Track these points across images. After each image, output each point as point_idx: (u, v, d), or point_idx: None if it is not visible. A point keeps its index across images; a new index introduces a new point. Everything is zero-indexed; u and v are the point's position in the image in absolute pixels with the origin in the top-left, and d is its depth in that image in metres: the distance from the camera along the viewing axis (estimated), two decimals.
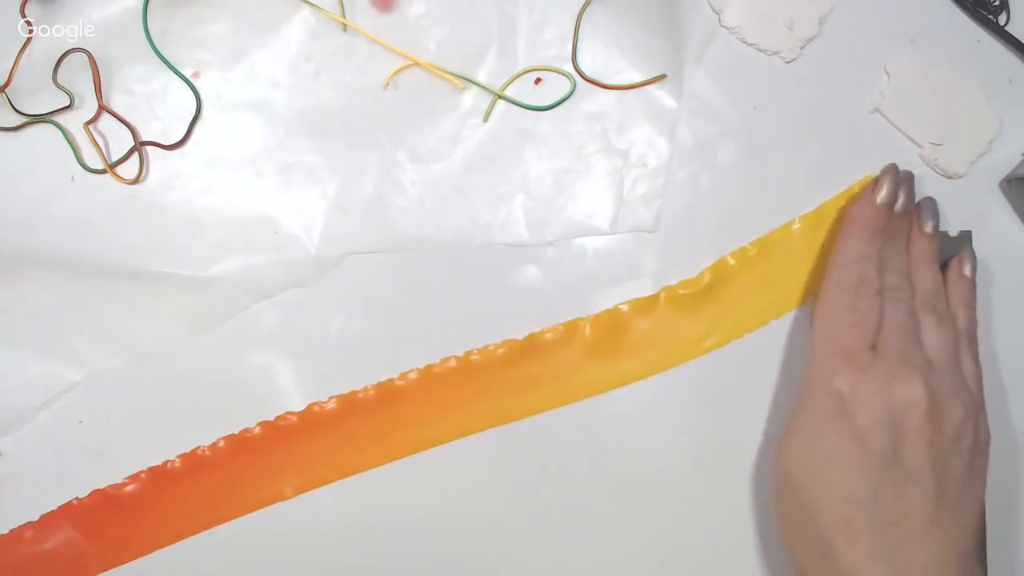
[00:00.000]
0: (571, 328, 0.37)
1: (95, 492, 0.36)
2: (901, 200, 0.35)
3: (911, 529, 0.29)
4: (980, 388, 0.33)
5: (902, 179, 0.36)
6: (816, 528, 0.31)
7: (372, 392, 0.36)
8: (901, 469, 0.30)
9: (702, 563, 0.36)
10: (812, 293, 0.37)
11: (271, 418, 0.36)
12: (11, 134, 0.38)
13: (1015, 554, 0.37)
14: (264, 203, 0.38)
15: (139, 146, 0.38)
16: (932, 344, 0.32)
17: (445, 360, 0.37)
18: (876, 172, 0.38)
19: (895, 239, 0.35)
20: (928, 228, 0.35)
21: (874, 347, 0.32)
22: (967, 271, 0.35)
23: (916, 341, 0.32)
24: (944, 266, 0.36)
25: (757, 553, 0.36)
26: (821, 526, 0.30)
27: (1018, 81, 0.39)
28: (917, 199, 0.36)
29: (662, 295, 0.37)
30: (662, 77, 0.38)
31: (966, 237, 0.36)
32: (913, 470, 0.30)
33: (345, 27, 0.38)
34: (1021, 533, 0.37)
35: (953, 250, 0.36)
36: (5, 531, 0.35)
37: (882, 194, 0.35)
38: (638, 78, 0.38)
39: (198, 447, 0.36)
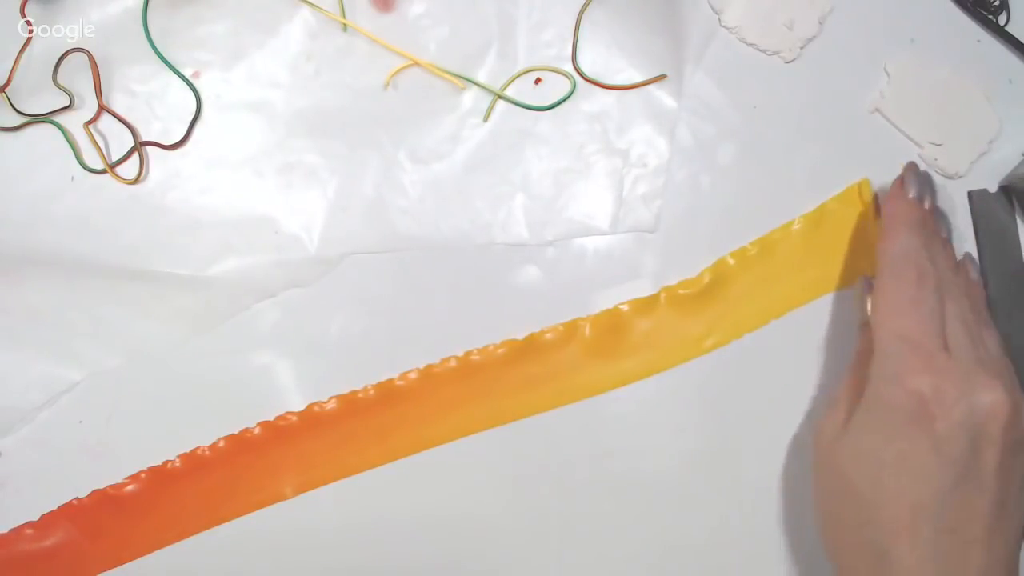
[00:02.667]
0: (571, 328, 0.37)
1: (95, 492, 0.36)
2: (929, 197, 0.35)
3: (970, 536, 0.29)
4: None
5: (924, 177, 0.35)
6: (873, 531, 0.29)
7: (372, 392, 0.36)
8: (972, 477, 0.29)
9: (702, 563, 0.36)
10: (813, 293, 0.37)
11: (271, 418, 0.36)
12: (11, 134, 0.38)
13: None
14: (264, 203, 0.38)
15: (139, 146, 0.38)
16: (989, 344, 0.32)
17: (445, 360, 0.37)
18: (875, 173, 0.38)
19: (934, 236, 0.34)
20: (943, 234, 0.35)
21: (946, 346, 0.30)
22: (973, 275, 0.35)
23: (981, 340, 0.31)
24: None
25: (757, 553, 0.36)
26: (878, 528, 0.29)
27: (1018, 81, 0.39)
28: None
29: (662, 295, 0.37)
30: (662, 77, 0.38)
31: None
32: (984, 478, 0.29)
33: (345, 27, 0.38)
34: None
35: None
36: (5, 531, 0.35)
37: (912, 190, 0.34)
38: (638, 78, 0.38)
39: (198, 447, 0.36)
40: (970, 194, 0.38)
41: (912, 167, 0.35)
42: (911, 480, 0.29)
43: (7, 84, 0.38)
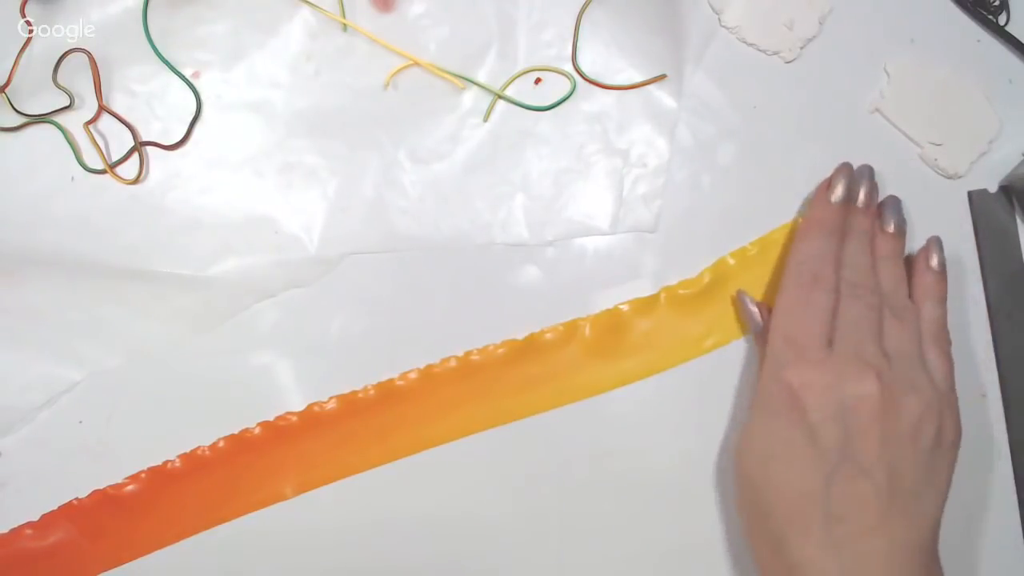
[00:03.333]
0: (571, 328, 0.37)
1: (95, 492, 0.36)
2: (862, 195, 0.35)
3: (862, 524, 0.29)
4: (949, 383, 0.33)
5: (861, 175, 0.36)
6: (770, 521, 0.31)
7: (372, 392, 0.36)
8: (853, 464, 0.30)
9: (702, 563, 0.36)
10: None
11: (271, 418, 0.36)
12: (11, 134, 0.38)
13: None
14: (264, 203, 0.38)
15: (139, 146, 0.38)
16: (891, 340, 0.32)
17: (445, 360, 0.37)
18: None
19: (859, 235, 0.35)
20: (890, 228, 0.35)
21: (830, 343, 0.32)
22: (934, 263, 0.35)
23: (874, 337, 0.32)
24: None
25: None
26: (775, 519, 0.31)
27: (1018, 81, 0.39)
28: (894, 195, 0.36)
29: (662, 295, 0.37)
30: (662, 77, 0.38)
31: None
32: (865, 465, 0.30)
33: (345, 27, 0.38)
34: (994, 529, 0.36)
35: None
36: (5, 531, 0.35)
37: (836, 193, 0.35)
38: (638, 78, 0.38)
39: (198, 447, 0.36)
40: (970, 194, 0.38)
41: (844, 167, 0.36)
42: (795, 469, 0.31)
43: (7, 84, 0.38)
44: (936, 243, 0.35)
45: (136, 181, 0.38)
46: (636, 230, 0.38)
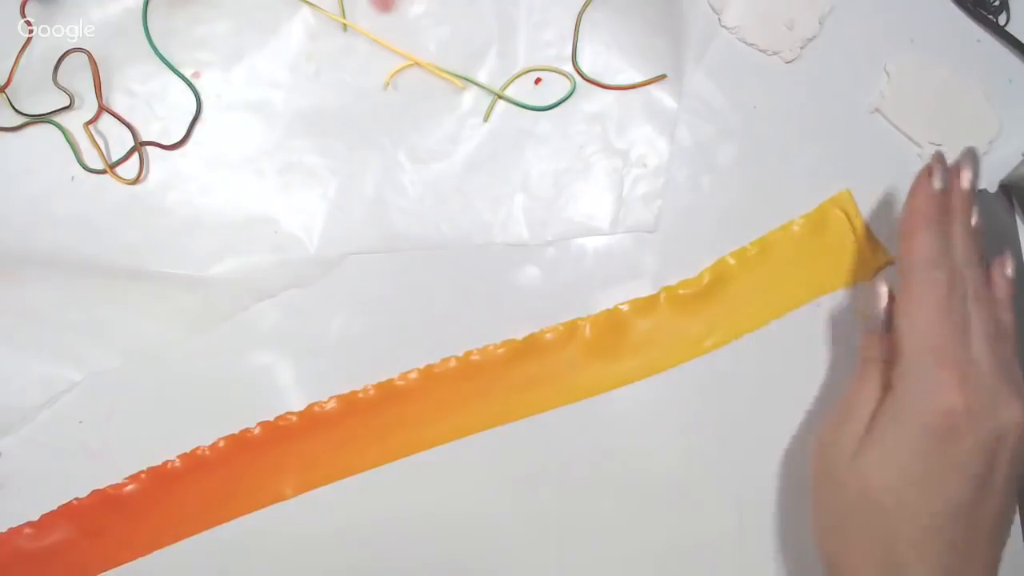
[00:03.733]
0: (571, 328, 0.37)
1: (95, 492, 0.36)
2: (968, 175, 0.33)
3: (974, 549, 0.29)
4: None
5: (964, 154, 0.34)
6: (890, 546, 0.29)
7: (372, 392, 0.36)
8: (987, 492, 0.29)
9: (702, 563, 0.36)
10: (813, 293, 0.37)
11: (271, 418, 0.36)
12: (11, 134, 0.38)
13: None
14: (264, 203, 0.38)
15: (139, 146, 0.38)
16: (1008, 354, 0.31)
17: (445, 360, 0.37)
18: (876, 173, 0.38)
19: (967, 225, 0.33)
20: (975, 224, 0.33)
21: (972, 359, 0.30)
22: (1009, 271, 0.33)
23: (1001, 351, 0.31)
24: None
25: (757, 553, 0.36)
26: (897, 545, 0.29)
27: (1018, 81, 0.39)
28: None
29: (662, 295, 0.37)
30: (662, 77, 0.38)
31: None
32: (995, 492, 0.29)
33: (345, 27, 0.38)
34: None
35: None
36: (5, 531, 0.35)
37: (939, 181, 0.32)
38: (638, 78, 0.38)
39: (198, 447, 0.36)
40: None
41: (939, 157, 0.33)
42: (933, 496, 0.29)
43: (7, 84, 0.38)
44: (1009, 255, 0.34)
45: (136, 181, 0.38)
46: (636, 230, 0.38)
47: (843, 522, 0.31)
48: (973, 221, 0.33)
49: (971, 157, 0.33)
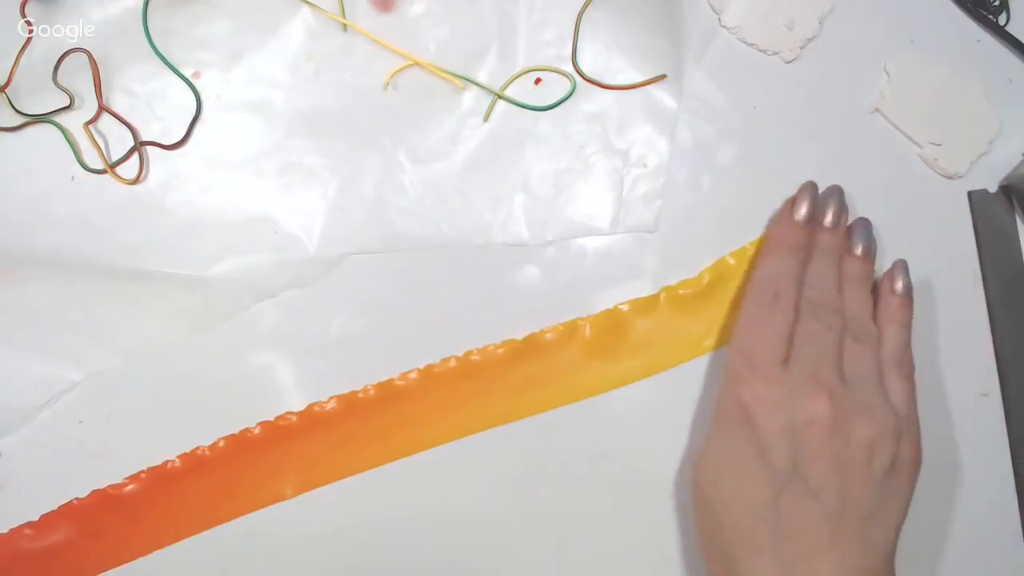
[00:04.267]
0: (571, 328, 0.37)
1: (95, 492, 0.36)
2: (830, 215, 0.35)
3: (812, 545, 0.29)
4: (910, 407, 0.32)
5: (830, 194, 0.36)
6: (722, 537, 0.31)
7: (372, 392, 0.36)
8: (803, 485, 0.30)
9: (702, 563, 0.36)
10: None
11: (271, 418, 0.36)
12: (11, 134, 0.38)
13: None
14: (264, 203, 0.38)
15: (139, 146, 0.38)
16: (850, 362, 0.32)
17: (445, 360, 0.37)
18: (875, 173, 0.38)
19: (825, 256, 0.35)
20: (858, 251, 0.35)
21: (786, 361, 0.32)
22: (899, 286, 0.35)
23: (832, 358, 0.32)
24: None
25: None
26: (725, 535, 0.31)
27: (1018, 81, 0.39)
28: (854, 213, 0.36)
29: (662, 295, 0.37)
30: (662, 77, 0.38)
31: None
32: (815, 487, 0.30)
33: (345, 27, 0.38)
34: (994, 529, 0.36)
35: None
36: (5, 531, 0.35)
37: (800, 212, 0.35)
38: (638, 78, 0.38)
39: (198, 447, 0.36)
40: (970, 194, 0.38)
41: (808, 186, 0.36)
42: (745, 486, 0.31)
43: (7, 84, 0.38)
44: (901, 267, 0.35)
45: (136, 181, 0.38)
46: (636, 230, 0.38)
47: (696, 520, 0.33)
48: (858, 250, 0.35)
49: (835, 192, 0.36)
